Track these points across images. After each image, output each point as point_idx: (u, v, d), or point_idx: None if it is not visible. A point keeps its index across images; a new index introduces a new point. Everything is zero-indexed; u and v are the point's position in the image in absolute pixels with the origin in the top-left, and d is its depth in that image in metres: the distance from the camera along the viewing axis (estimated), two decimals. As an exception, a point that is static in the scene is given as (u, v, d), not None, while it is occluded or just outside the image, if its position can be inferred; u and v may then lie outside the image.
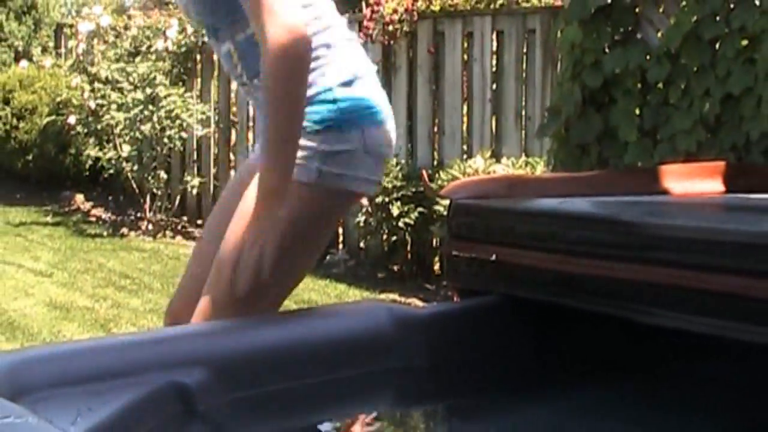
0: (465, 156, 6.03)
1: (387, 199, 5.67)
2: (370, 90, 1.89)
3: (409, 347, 1.67)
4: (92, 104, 7.25)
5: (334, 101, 1.82)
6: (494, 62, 6.17)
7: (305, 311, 1.63)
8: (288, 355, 1.57)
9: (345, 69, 1.86)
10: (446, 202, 2.09)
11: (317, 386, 1.57)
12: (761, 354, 1.64)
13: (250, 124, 7.36)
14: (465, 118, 6.28)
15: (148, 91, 7.08)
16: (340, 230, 6.37)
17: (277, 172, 1.74)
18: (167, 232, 7.28)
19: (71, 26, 8.95)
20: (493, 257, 1.75)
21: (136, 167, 7.33)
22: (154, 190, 7.38)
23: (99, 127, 7.31)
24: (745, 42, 3.68)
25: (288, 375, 1.55)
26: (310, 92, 1.78)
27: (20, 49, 9.50)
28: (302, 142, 1.77)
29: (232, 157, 7.50)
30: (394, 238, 5.97)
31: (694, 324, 1.62)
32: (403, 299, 5.12)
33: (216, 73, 7.63)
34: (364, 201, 5.27)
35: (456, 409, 1.70)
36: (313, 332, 1.62)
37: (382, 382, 1.68)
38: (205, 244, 2.03)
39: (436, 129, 6.39)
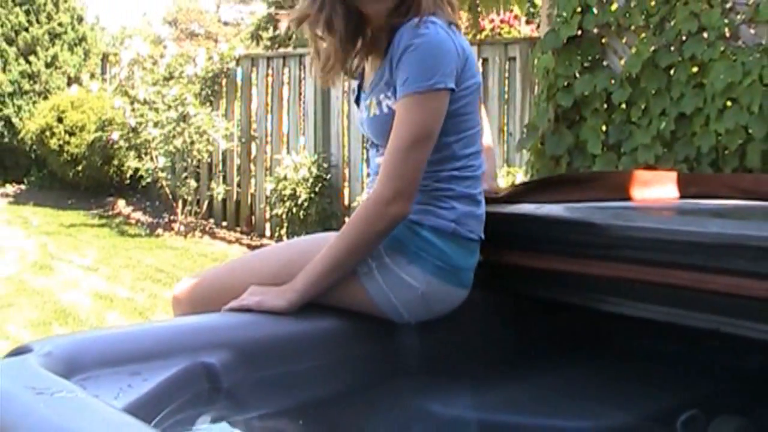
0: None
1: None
2: None
3: (402, 333, 1.67)
4: (132, 122, 7.25)
5: None
6: (479, 86, 6.15)
7: (315, 307, 1.61)
8: (299, 340, 1.57)
9: None
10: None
11: (324, 367, 1.57)
12: (710, 338, 1.64)
13: (268, 139, 7.36)
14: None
15: (180, 110, 7.08)
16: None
17: (305, 286, 1.59)
18: (196, 233, 7.28)
19: (115, 55, 8.95)
20: (480, 258, 1.74)
21: (169, 176, 7.33)
22: (185, 196, 7.38)
23: (138, 141, 7.31)
24: (695, 69, 3.68)
25: (299, 357, 1.54)
26: None
27: (72, 75, 9.49)
28: None
29: (252, 167, 7.49)
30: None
31: (653, 313, 1.62)
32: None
33: (238, 94, 7.63)
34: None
35: (452, 385, 1.69)
36: (320, 323, 1.62)
37: (379, 362, 1.68)
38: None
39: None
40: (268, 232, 7.17)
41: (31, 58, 9.36)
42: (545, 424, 1.55)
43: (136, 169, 7.50)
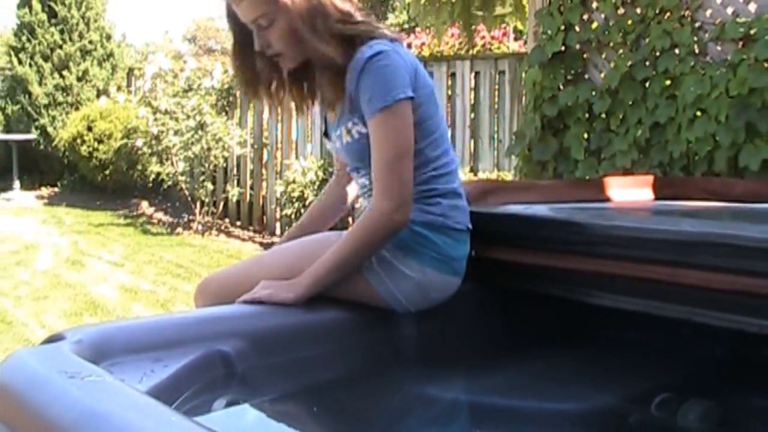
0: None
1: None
2: None
3: (401, 323, 1.67)
4: (155, 130, 7.24)
5: None
6: (472, 97, 6.16)
7: (321, 299, 1.61)
8: (307, 330, 1.57)
9: None
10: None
11: (329, 354, 1.57)
12: (682, 327, 1.64)
13: (278, 146, 7.36)
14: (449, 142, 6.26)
15: (198, 119, 7.08)
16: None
17: (311, 282, 1.58)
18: (213, 231, 7.27)
19: (140, 69, 8.96)
20: (472, 253, 1.74)
21: (188, 180, 7.32)
22: (203, 198, 7.37)
23: (160, 148, 7.31)
24: (668, 82, 3.68)
25: (307, 345, 1.54)
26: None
27: (101, 88, 9.50)
28: None
29: (264, 171, 7.48)
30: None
31: (631, 304, 1.62)
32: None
33: (251, 105, 7.63)
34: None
35: (447, 371, 1.69)
36: (325, 314, 1.61)
37: (380, 349, 1.67)
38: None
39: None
40: (278, 231, 7.17)
41: (65, 72, 9.39)
42: (534, 407, 1.55)
43: (158, 173, 7.49)
